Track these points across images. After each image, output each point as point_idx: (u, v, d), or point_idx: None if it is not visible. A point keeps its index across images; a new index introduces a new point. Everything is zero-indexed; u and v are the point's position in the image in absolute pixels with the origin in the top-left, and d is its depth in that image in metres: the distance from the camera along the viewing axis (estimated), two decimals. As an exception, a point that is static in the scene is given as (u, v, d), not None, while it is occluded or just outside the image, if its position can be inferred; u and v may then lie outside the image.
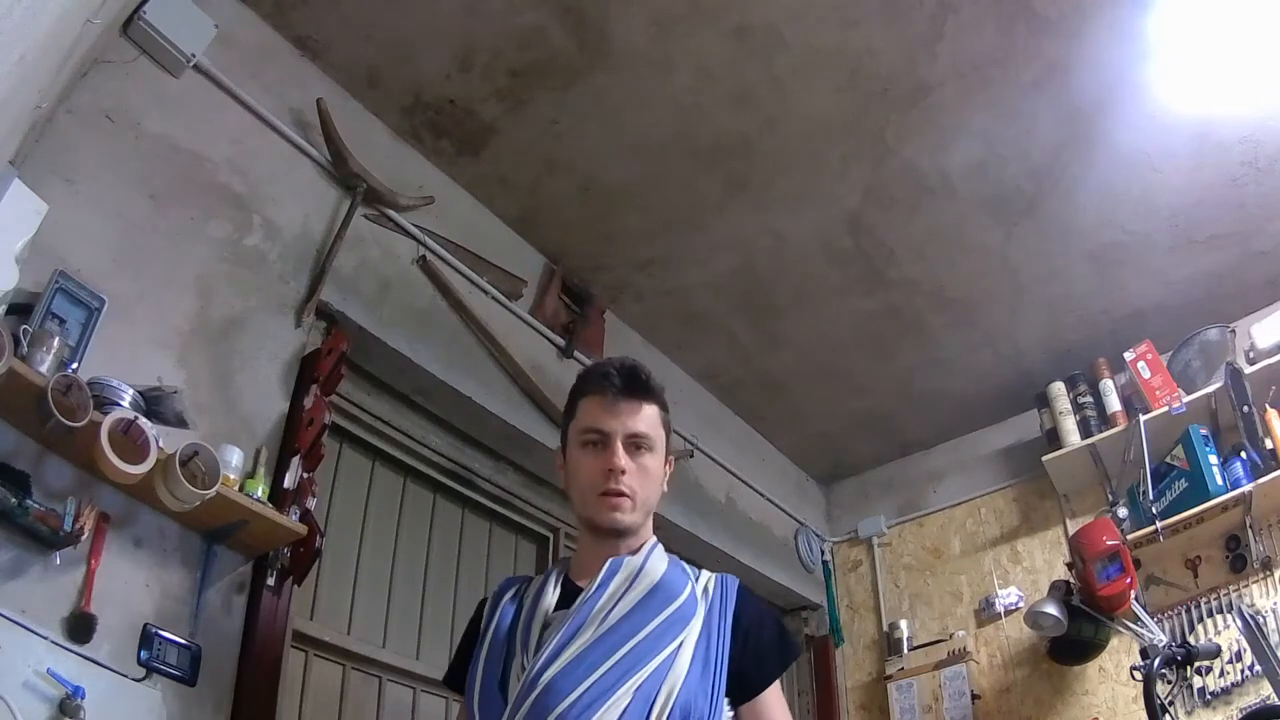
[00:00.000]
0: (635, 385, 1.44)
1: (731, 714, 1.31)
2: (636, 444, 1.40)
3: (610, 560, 1.35)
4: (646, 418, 1.43)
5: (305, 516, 2.00)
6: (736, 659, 1.30)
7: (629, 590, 1.31)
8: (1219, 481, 3.04)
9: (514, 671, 1.27)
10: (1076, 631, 3.19)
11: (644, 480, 1.40)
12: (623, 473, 1.37)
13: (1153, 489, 3.19)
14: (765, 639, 1.36)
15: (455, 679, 1.45)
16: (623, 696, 1.19)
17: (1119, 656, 3.25)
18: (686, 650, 1.26)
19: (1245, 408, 3.05)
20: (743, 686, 1.31)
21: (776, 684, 1.35)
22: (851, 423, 4.06)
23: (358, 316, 2.47)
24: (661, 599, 1.30)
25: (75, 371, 1.67)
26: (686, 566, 1.41)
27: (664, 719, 1.19)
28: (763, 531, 3.97)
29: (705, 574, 1.40)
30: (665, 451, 1.47)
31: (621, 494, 1.37)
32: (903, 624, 3.82)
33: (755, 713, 1.32)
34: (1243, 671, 2.90)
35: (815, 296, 3.36)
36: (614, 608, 1.29)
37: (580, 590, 1.34)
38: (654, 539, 1.44)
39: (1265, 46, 2.54)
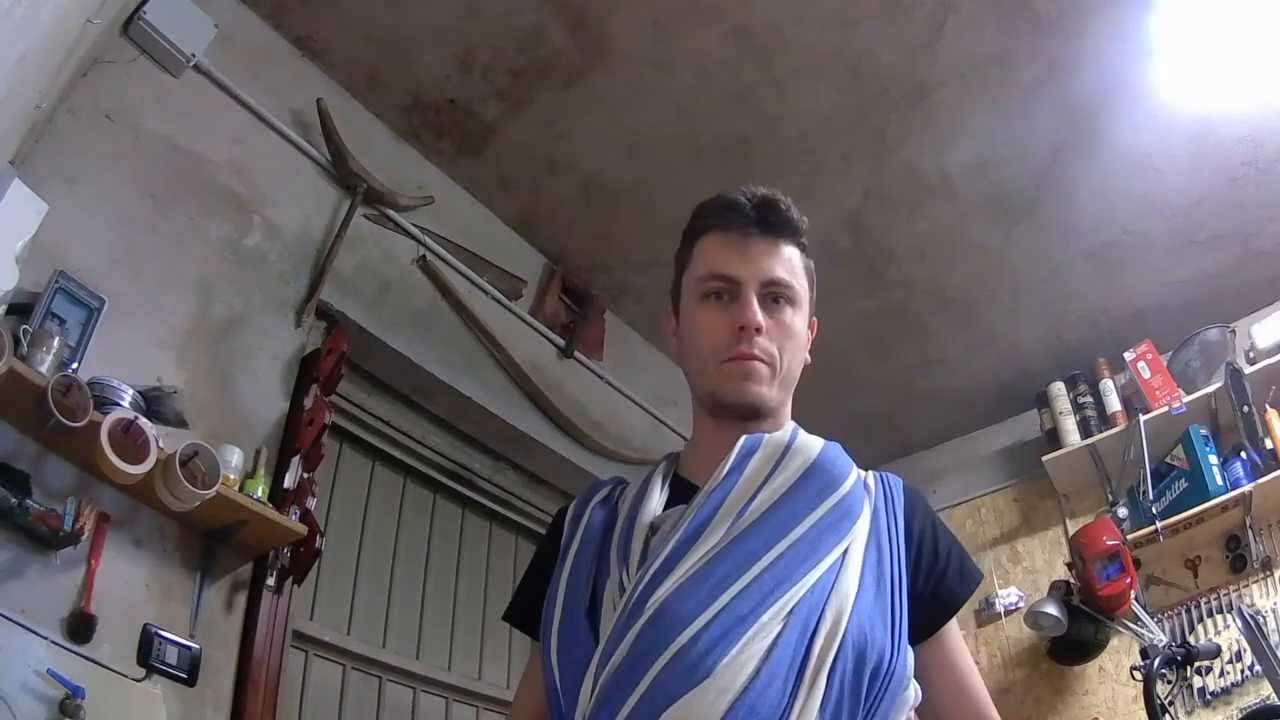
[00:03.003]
0: (774, 218, 1.08)
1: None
2: (775, 295, 1.06)
3: (745, 437, 1.00)
4: (788, 261, 1.08)
5: (305, 516, 2.00)
6: (912, 579, 0.96)
7: (775, 473, 0.96)
8: (1219, 481, 3.04)
9: (607, 596, 0.93)
10: (1076, 631, 3.18)
11: (785, 343, 1.05)
12: (758, 331, 1.02)
13: (1153, 489, 3.19)
14: (943, 552, 1.00)
15: (519, 613, 1.09)
16: (771, 623, 0.84)
17: (1119, 656, 3.24)
18: (854, 559, 0.92)
19: (1245, 408, 3.05)
20: (920, 617, 0.94)
21: (955, 620, 1.01)
22: (851, 423, 4.05)
23: (358, 316, 2.47)
24: (821, 485, 0.96)
25: (75, 371, 1.67)
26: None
27: (831, 657, 0.83)
28: (763, 531, 3.96)
29: (861, 470, 1.05)
30: (810, 309, 1.13)
31: (757, 359, 1.03)
32: (903, 624, 3.82)
33: (937, 657, 0.97)
34: (1243, 671, 2.90)
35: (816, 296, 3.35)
36: (754, 498, 0.94)
37: (697, 489, 0.98)
38: (796, 424, 1.09)
39: (1265, 46, 2.54)
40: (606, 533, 1.01)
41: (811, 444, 1.02)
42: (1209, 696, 2.94)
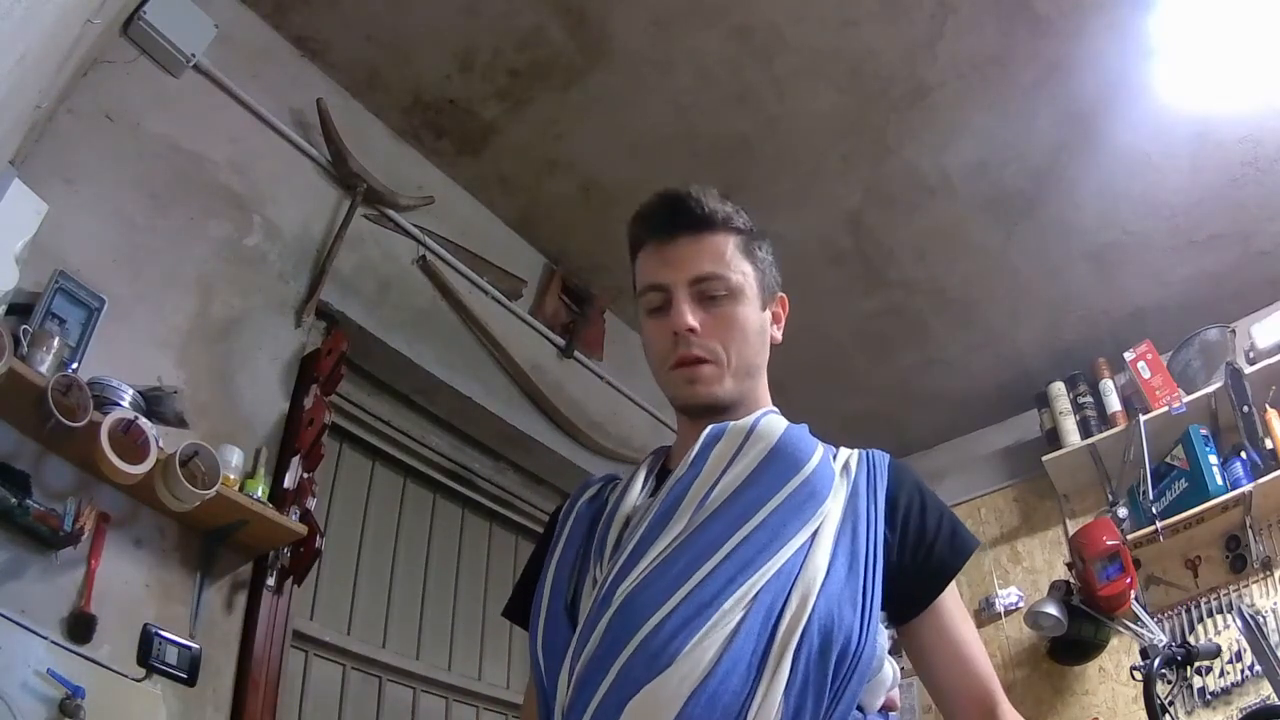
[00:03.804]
0: (685, 216, 1.08)
1: (889, 633, 0.96)
2: (707, 290, 1.05)
3: (710, 428, 1.00)
4: (712, 252, 1.06)
5: (305, 516, 2.00)
6: (896, 555, 0.95)
7: (736, 459, 0.96)
8: (1219, 481, 3.04)
9: (586, 588, 0.95)
10: (1076, 631, 3.18)
11: (728, 335, 1.04)
12: (692, 331, 1.03)
13: (1153, 489, 3.19)
14: (931, 523, 0.99)
15: (516, 609, 1.11)
16: (733, 610, 0.85)
17: (1119, 656, 3.24)
18: (824, 541, 0.91)
19: (1245, 408, 3.05)
20: (910, 592, 0.95)
21: (953, 588, 0.99)
22: (851, 423, 4.05)
23: (358, 316, 2.47)
24: (784, 467, 0.95)
25: (75, 371, 1.67)
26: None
27: (795, 640, 0.84)
28: (763, 531, 3.96)
29: (845, 450, 1.04)
30: (763, 291, 1.10)
31: (697, 359, 1.03)
32: (903, 624, 3.81)
33: (934, 628, 0.97)
34: (1243, 671, 2.89)
35: (815, 296, 3.36)
36: (715, 486, 0.94)
37: None
38: (771, 408, 1.08)
39: (1265, 46, 2.54)
40: (592, 527, 1.02)
41: (773, 428, 1.00)
42: (1209, 696, 2.94)
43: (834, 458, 1.02)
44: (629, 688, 0.82)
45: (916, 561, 0.96)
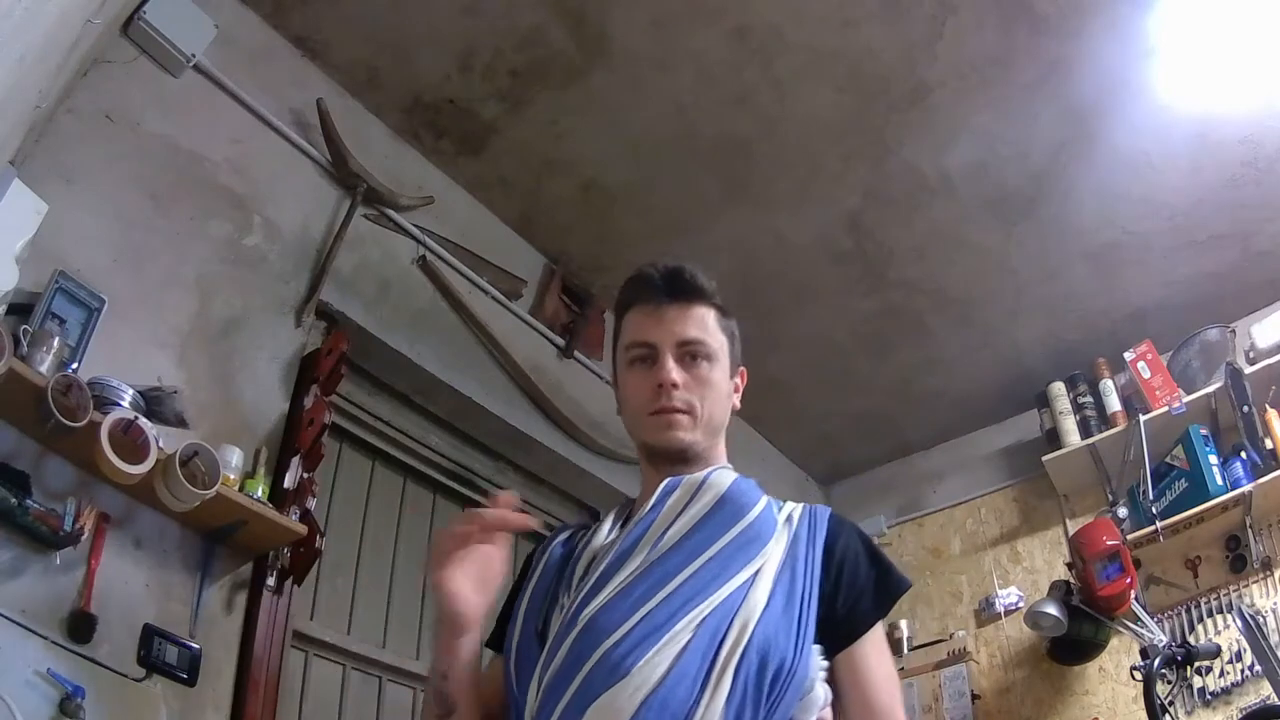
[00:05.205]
0: (680, 285, 1.23)
1: (825, 664, 1.06)
2: (691, 352, 1.20)
3: (668, 479, 1.14)
4: (698, 320, 1.22)
5: (305, 516, 2.01)
6: (828, 598, 1.07)
7: (689, 506, 1.10)
8: (1219, 481, 3.04)
9: (556, 614, 1.08)
10: (1076, 631, 3.19)
11: (704, 393, 1.19)
12: (675, 386, 1.17)
13: (1153, 489, 3.19)
14: (863, 573, 1.12)
15: (497, 640, 1.21)
16: (682, 632, 0.98)
17: (1119, 656, 3.24)
18: (765, 579, 1.05)
19: (1245, 408, 3.05)
20: (835, 632, 1.06)
21: (878, 628, 1.11)
22: (851, 423, 4.06)
23: (358, 316, 2.47)
24: (730, 513, 1.09)
25: (75, 371, 1.67)
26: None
27: (736, 660, 0.97)
28: (763, 531, 3.96)
29: (791, 504, 1.18)
30: (731, 362, 1.26)
31: (676, 410, 1.17)
32: (903, 624, 3.81)
33: (849, 666, 1.07)
34: (1243, 671, 2.90)
35: (815, 296, 3.36)
36: (670, 528, 1.08)
37: None
38: (725, 465, 1.23)
39: (1265, 46, 2.54)
40: (563, 565, 1.15)
41: (723, 479, 1.14)
42: (1209, 696, 2.94)
43: (778, 509, 1.15)
44: (590, 695, 0.95)
45: (845, 607, 1.08)
